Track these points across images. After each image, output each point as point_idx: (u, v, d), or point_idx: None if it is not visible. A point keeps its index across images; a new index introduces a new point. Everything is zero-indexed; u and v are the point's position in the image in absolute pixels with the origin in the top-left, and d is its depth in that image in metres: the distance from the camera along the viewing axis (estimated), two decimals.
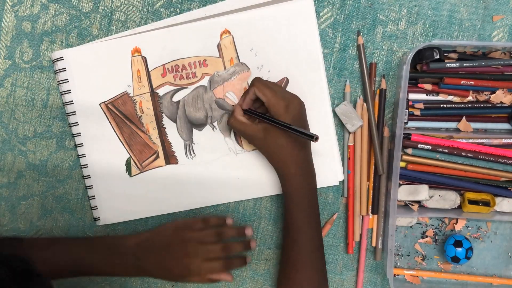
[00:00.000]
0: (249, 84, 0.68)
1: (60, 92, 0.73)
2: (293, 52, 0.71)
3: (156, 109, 0.73)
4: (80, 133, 0.73)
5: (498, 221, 0.75)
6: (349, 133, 0.73)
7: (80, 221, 0.76)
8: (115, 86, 0.73)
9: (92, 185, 0.74)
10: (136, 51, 0.72)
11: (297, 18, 0.71)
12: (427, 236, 0.76)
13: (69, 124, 0.74)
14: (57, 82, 0.73)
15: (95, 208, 0.75)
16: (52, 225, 0.76)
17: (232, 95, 0.73)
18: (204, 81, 0.73)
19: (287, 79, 0.71)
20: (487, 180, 0.71)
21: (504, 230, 0.76)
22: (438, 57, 0.69)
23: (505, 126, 0.73)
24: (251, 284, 0.77)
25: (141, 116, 0.73)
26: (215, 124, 0.73)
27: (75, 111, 0.73)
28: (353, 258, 0.76)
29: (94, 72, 0.72)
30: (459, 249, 0.72)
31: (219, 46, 0.72)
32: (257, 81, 0.67)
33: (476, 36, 0.73)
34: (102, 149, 0.74)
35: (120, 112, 0.73)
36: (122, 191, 0.75)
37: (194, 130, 0.74)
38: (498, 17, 0.73)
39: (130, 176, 0.74)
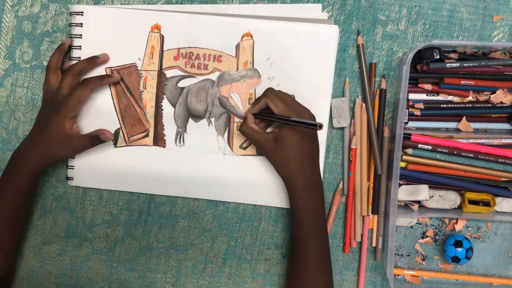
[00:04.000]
0: (262, 93, 0.68)
1: (70, 46, 0.73)
2: (307, 73, 0.72)
3: (159, 89, 0.73)
4: None
5: (498, 221, 0.75)
6: (348, 133, 0.73)
7: (79, 220, 0.76)
8: (126, 55, 0.73)
9: None
10: (156, 27, 0.72)
11: (320, 42, 0.71)
12: (427, 236, 0.76)
13: None
14: (69, 35, 0.73)
15: (72, 167, 0.75)
16: (51, 224, 0.76)
17: (236, 97, 0.73)
18: (213, 76, 0.73)
19: (294, 97, 0.71)
20: (487, 180, 0.71)
21: (504, 230, 0.76)
22: (438, 57, 0.69)
23: (505, 126, 0.73)
24: (251, 284, 0.77)
25: (142, 91, 0.73)
26: (212, 120, 0.74)
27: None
28: (353, 258, 0.76)
29: (109, 36, 0.72)
30: (459, 249, 0.72)
31: (237, 47, 0.72)
32: (270, 92, 0.67)
33: (476, 36, 0.73)
34: (95, 113, 0.73)
35: (123, 81, 0.73)
36: (103, 159, 0.74)
37: (190, 120, 0.74)
38: (498, 17, 0.73)
39: (115, 146, 0.74)
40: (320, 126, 0.59)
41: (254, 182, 0.74)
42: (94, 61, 0.71)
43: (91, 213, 0.76)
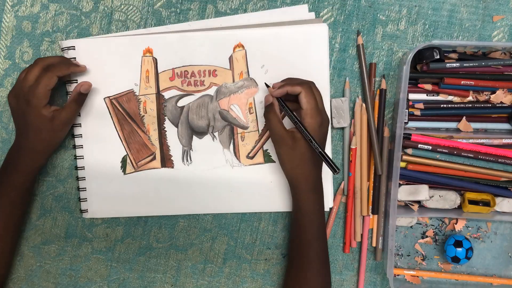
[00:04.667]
0: (302, 81, 0.67)
1: (65, 81, 0.73)
2: (302, 75, 0.71)
3: (160, 111, 0.73)
4: (80, 124, 0.74)
5: (498, 221, 0.75)
6: (348, 134, 0.73)
7: (79, 220, 0.76)
8: (122, 82, 0.73)
9: (84, 177, 0.74)
10: (148, 51, 0.72)
11: (310, 42, 0.71)
12: (427, 236, 0.76)
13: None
14: None
15: (84, 200, 0.75)
16: (51, 224, 0.76)
17: (236, 108, 0.73)
18: (211, 91, 0.73)
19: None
20: (487, 180, 0.71)
21: (504, 230, 0.76)
22: (438, 57, 0.69)
23: (505, 126, 0.73)
24: (250, 284, 0.77)
25: (143, 116, 0.73)
26: (216, 134, 0.74)
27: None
28: (353, 258, 0.76)
29: (103, 66, 0.72)
30: (459, 249, 0.72)
31: (231, 59, 0.72)
32: (309, 86, 0.65)
33: (476, 36, 0.73)
34: (99, 144, 0.74)
35: (123, 109, 0.73)
36: (114, 187, 0.75)
37: (194, 137, 0.74)
38: (498, 17, 0.73)
39: (124, 173, 0.74)
40: (337, 172, 0.63)
41: (265, 190, 0.74)
42: (69, 62, 0.69)
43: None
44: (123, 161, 0.74)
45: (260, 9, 0.73)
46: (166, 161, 0.74)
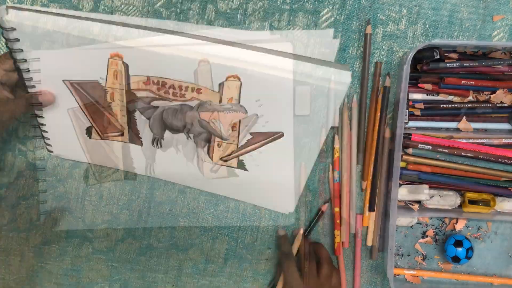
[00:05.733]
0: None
1: (11, 50, 0.64)
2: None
3: (129, 103, 0.68)
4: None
5: (499, 221, 0.75)
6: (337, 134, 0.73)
7: (80, 220, 0.76)
8: (85, 73, 0.65)
9: (47, 131, 0.72)
10: (117, 55, 0.64)
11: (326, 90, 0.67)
12: (427, 236, 0.76)
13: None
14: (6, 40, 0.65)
15: (48, 139, 0.73)
16: (51, 224, 0.76)
17: (218, 123, 0.68)
18: (192, 103, 0.67)
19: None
20: (488, 180, 0.71)
21: (504, 230, 0.76)
22: (438, 57, 0.69)
23: (505, 126, 0.73)
24: (251, 284, 0.77)
25: (110, 103, 0.68)
26: (191, 136, 0.70)
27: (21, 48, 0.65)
28: (353, 258, 0.76)
29: (64, 54, 0.65)
30: (459, 249, 0.72)
31: (221, 85, 0.65)
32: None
33: (476, 36, 0.73)
34: (64, 112, 0.69)
35: (87, 93, 0.67)
36: (77, 144, 0.72)
37: (167, 131, 0.70)
38: (499, 17, 0.73)
39: (89, 138, 0.72)
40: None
41: (234, 180, 0.73)
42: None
43: (91, 213, 0.76)
44: (88, 130, 0.71)
45: (260, 9, 0.73)
46: (136, 140, 0.71)
